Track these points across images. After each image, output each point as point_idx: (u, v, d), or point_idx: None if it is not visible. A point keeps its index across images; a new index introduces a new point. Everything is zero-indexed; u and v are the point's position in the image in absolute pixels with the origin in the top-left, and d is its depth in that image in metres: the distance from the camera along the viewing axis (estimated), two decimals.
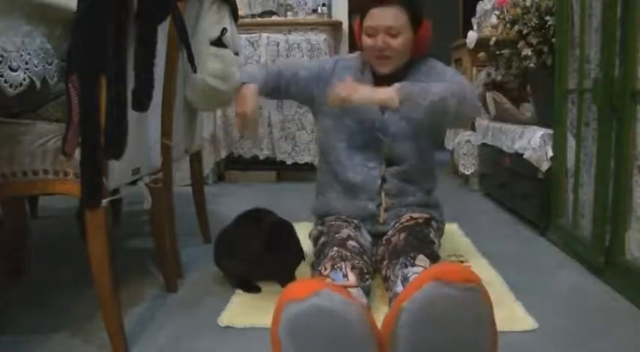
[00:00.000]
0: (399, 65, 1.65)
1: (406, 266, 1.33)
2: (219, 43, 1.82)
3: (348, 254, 1.38)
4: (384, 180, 1.64)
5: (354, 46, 3.73)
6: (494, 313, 1.00)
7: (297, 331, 0.94)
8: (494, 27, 2.79)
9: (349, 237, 1.47)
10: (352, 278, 1.30)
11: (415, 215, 1.59)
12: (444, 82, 1.58)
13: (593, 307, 1.49)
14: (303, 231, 1.79)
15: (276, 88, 1.73)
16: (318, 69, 1.74)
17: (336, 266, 1.32)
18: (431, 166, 1.75)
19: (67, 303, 1.51)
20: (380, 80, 1.65)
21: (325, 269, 1.33)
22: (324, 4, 3.92)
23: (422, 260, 1.35)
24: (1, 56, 0.95)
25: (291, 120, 3.59)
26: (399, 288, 1.27)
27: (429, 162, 1.74)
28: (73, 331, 1.33)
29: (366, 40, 1.64)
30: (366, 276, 1.37)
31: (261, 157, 3.67)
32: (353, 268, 1.33)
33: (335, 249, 1.40)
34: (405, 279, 1.29)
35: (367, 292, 1.35)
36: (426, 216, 1.61)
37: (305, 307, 0.94)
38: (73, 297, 1.54)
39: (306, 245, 1.72)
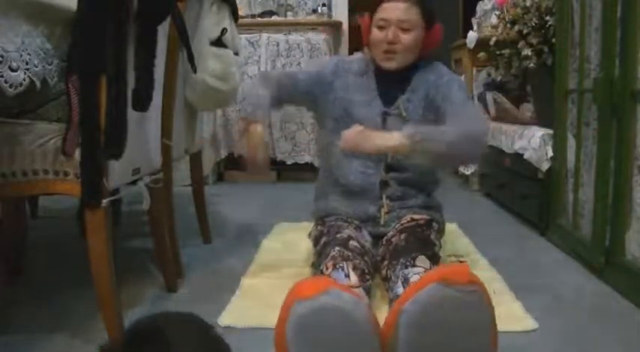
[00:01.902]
0: (405, 63, 1.62)
1: (407, 267, 1.33)
2: (219, 43, 1.82)
3: (350, 254, 1.38)
4: (386, 184, 1.63)
5: (353, 46, 3.76)
6: (495, 315, 1.00)
7: (306, 330, 0.94)
8: (494, 27, 2.78)
9: (350, 237, 1.47)
10: (354, 278, 1.30)
11: (416, 216, 1.59)
12: (458, 121, 1.48)
13: (593, 307, 1.49)
14: (304, 232, 1.79)
15: (281, 101, 1.68)
16: (317, 73, 1.69)
17: (337, 266, 1.32)
18: (432, 169, 1.74)
19: (67, 303, 1.51)
20: (383, 80, 1.64)
21: (327, 268, 1.33)
22: (324, 4, 3.92)
23: (422, 261, 1.35)
24: (1, 56, 0.95)
25: (291, 120, 3.59)
26: (400, 289, 1.27)
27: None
28: (73, 331, 1.33)
29: (376, 34, 1.60)
30: (367, 277, 1.37)
31: None
32: (355, 268, 1.33)
33: (337, 248, 1.40)
34: (405, 280, 1.29)
35: (368, 292, 1.35)
36: (427, 217, 1.60)
37: (315, 305, 0.94)
38: (73, 297, 1.54)
39: (307, 244, 1.72)
